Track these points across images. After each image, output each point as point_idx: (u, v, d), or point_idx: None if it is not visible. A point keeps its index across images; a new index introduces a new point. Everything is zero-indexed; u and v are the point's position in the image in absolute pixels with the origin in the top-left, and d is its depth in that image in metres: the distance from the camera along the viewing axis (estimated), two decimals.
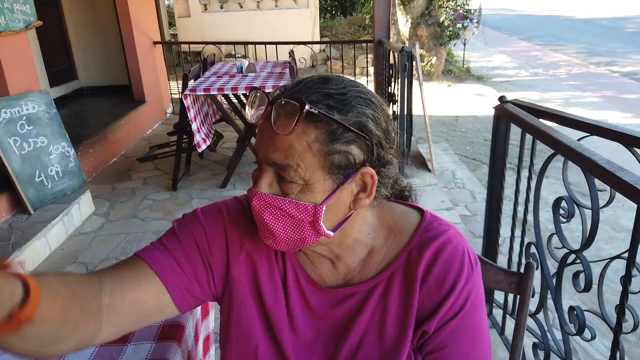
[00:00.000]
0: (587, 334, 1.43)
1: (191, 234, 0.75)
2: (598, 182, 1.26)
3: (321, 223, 0.66)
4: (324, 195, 0.65)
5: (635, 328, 1.25)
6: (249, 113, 0.67)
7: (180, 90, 3.36)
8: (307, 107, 0.60)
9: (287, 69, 3.84)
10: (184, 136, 3.56)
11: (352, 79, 0.70)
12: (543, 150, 1.69)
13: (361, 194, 0.68)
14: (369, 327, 0.73)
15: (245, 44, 6.16)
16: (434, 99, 6.79)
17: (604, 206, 1.29)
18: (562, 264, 1.47)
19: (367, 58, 7.36)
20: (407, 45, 5.51)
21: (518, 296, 0.99)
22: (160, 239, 0.76)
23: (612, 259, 1.28)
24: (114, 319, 0.65)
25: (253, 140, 3.63)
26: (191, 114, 3.18)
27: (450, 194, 3.57)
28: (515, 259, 1.84)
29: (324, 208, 0.65)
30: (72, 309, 0.57)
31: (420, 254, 0.72)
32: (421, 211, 0.78)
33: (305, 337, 0.75)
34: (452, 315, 0.71)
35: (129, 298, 0.67)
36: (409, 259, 0.73)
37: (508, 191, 1.93)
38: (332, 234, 0.68)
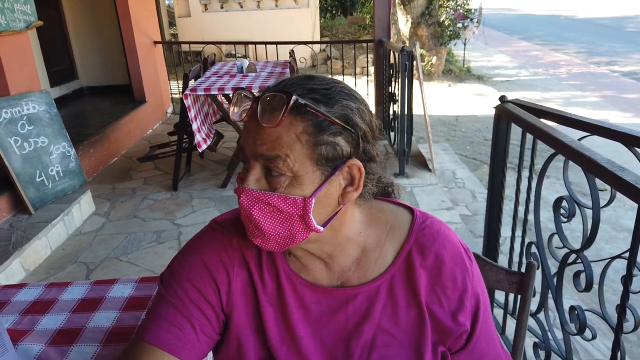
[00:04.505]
0: (587, 333, 1.43)
1: (181, 292, 0.73)
2: (599, 182, 1.25)
3: (311, 216, 0.65)
4: (313, 188, 0.64)
5: (636, 328, 1.25)
6: (234, 111, 0.67)
7: (181, 90, 3.37)
8: (294, 97, 0.61)
9: (288, 69, 3.84)
10: (185, 136, 3.56)
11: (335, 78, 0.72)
12: (544, 150, 1.70)
13: (349, 188, 0.68)
14: (379, 328, 0.73)
15: (246, 43, 6.16)
16: (434, 99, 6.80)
17: (604, 206, 1.28)
18: (563, 263, 1.47)
19: (367, 58, 7.36)
20: (407, 45, 5.50)
21: (519, 296, 0.99)
22: (155, 310, 0.73)
23: (613, 258, 1.28)
24: None
25: None
26: (191, 114, 3.19)
27: (450, 193, 3.57)
28: (515, 258, 1.84)
29: (313, 201, 0.65)
30: None
31: (424, 254, 0.73)
32: (410, 209, 0.79)
33: (307, 350, 0.74)
34: (474, 309, 0.75)
35: None
36: (408, 257, 0.73)
37: (509, 191, 1.93)
38: (321, 229, 0.67)
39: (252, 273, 0.74)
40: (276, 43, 5.23)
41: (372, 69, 5.90)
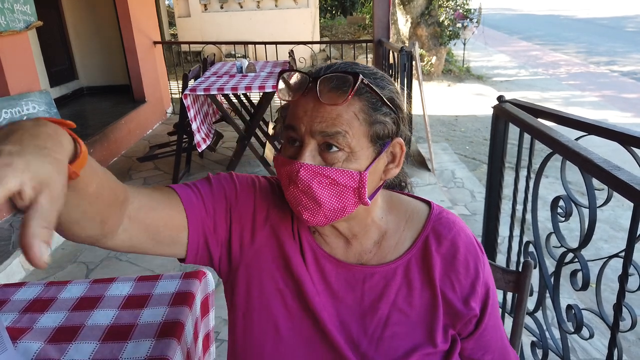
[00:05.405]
0: (585, 332, 1.43)
1: (223, 189, 0.78)
2: (598, 182, 1.26)
3: (366, 189, 0.69)
4: (367, 163, 0.69)
5: (633, 326, 1.26)
6: (283, 90, 0.70)
7: (180, 90, 3.37)
8: (360, 77, 0.65)
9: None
10: (184, 136, 3.57)
11: None
12: (542, 150, 1.70)
13: (391, 165, 0.74)
14: (395, 307, 0.76)
15: (245, 43, 6.17)
16: (433, 99, 6.80)
17: (601, 205, 1.29)
18: (560, 262, 1.48)
19: (367, 58, 7.36)
20: (406, 45, 5.51)
21: (516, 295, 0.99)
22: (193, 182, 0.78)
23: (610, 257, 1.29)
24: (129, 230, 0.66)
25: (253, 140, 3.64)
26: (191, 114, 3.19)
27: (449, 193, 3.57)
28: (514, 258, 1.85)
29: (367, 174, 0.69)
30: (104, 193, 0.58)
31: (440, 241, 0.77)
32: (427, 202, 0.84)
33: (326, 321, 0.76)
34: (484, 297, 0.78)
35: (151, 217, 0.69)
36: (425, 244, 0.77)
37: (507, 190, 1.94)
38: (369, 201, 0.71)
39: (291, 227, 0.78)
40: (276, 43, 5.24)
41: None
